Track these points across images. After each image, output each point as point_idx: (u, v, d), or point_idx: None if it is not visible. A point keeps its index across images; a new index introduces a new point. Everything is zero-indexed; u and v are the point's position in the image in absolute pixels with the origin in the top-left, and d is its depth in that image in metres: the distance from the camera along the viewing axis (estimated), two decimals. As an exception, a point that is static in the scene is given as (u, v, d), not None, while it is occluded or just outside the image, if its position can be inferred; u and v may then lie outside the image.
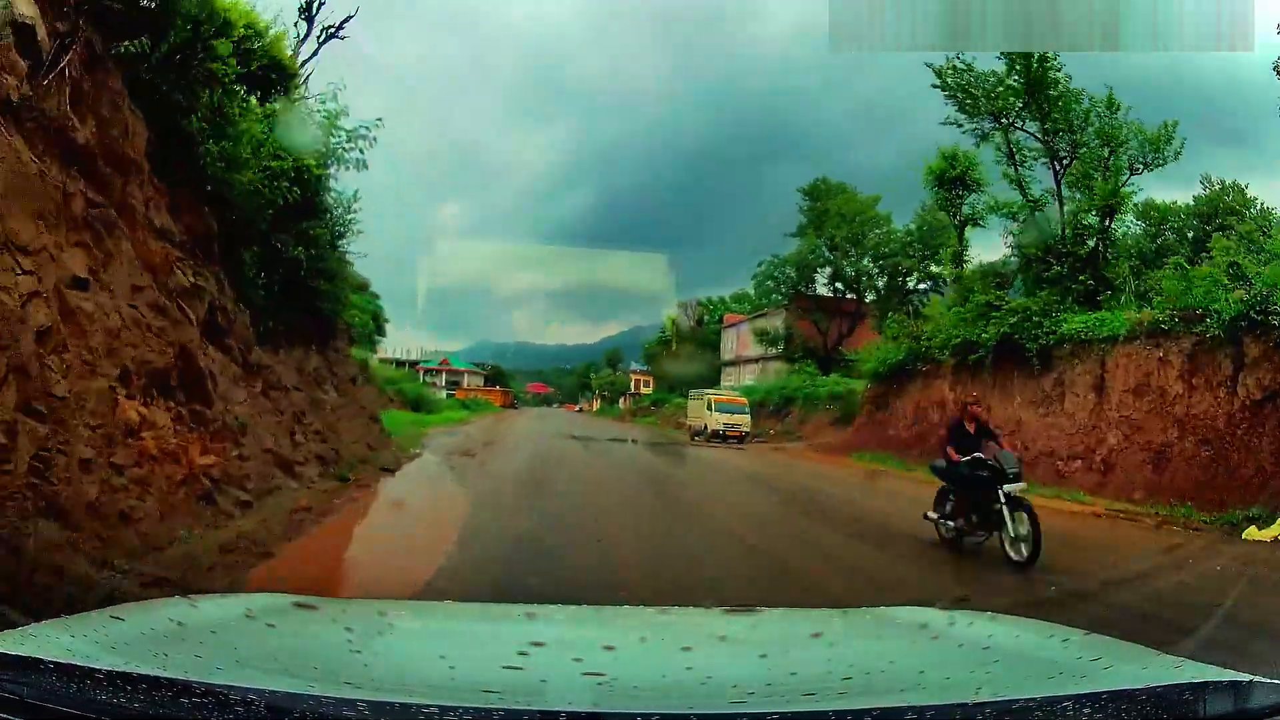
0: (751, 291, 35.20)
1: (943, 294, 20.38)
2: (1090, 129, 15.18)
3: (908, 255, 28.16)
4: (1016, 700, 1.18)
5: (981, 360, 14.80)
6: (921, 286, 27.80)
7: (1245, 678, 1.25)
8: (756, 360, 34.09)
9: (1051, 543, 6.53)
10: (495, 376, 48.88)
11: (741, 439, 23.85)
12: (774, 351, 32.02)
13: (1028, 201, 15.92)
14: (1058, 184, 15.57)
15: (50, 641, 1.39)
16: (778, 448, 22.55)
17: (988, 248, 32.78)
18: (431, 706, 1.11)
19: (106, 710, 1.15)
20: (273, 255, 9.99)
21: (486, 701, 1.19)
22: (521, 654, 1.60)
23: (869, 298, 29.79)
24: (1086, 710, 1.16)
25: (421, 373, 40.35)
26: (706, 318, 40.13)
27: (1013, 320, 14.11)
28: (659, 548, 7.51)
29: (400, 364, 37.10)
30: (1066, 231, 15.04)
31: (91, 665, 1.21)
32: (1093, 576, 6.45)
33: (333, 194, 12.09)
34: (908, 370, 17.72)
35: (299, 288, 10.81)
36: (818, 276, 31.06)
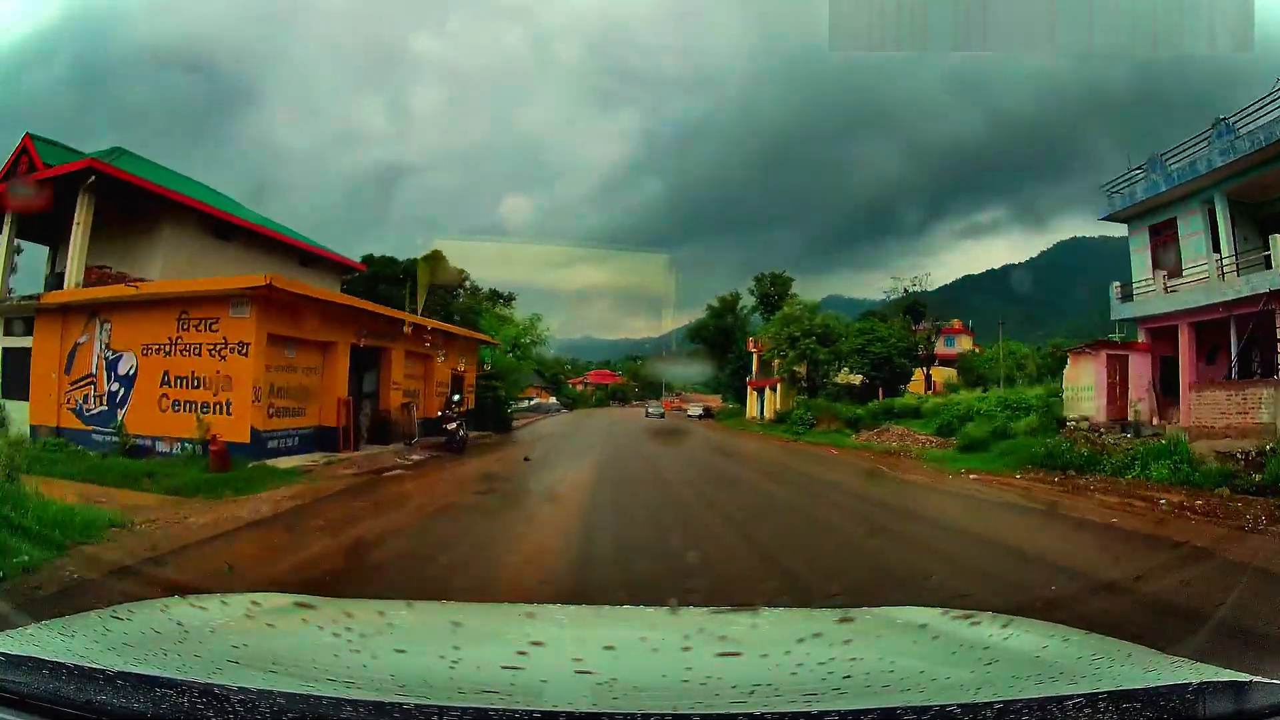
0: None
1: None
2: None
3: None
4: (1016, 700, 1.18)
5: None
6: None
7: (1245, 678, 1.25)
8: None
9: None
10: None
11: None
12: None
13: None
14: None
15: (50, 641, 1.39)
16: None
17: None
18: (431, 706, 1.11)
19: (106, 710, 1.15)
20: None
21: (486, 701, 1.19)
22: (521, 654, 1.59)
23: None
24: (1086, 710, 1.16)
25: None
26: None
27: None
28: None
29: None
30: None
31: (91, 665, 1.21)
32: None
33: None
34: None
35: None
36: None
